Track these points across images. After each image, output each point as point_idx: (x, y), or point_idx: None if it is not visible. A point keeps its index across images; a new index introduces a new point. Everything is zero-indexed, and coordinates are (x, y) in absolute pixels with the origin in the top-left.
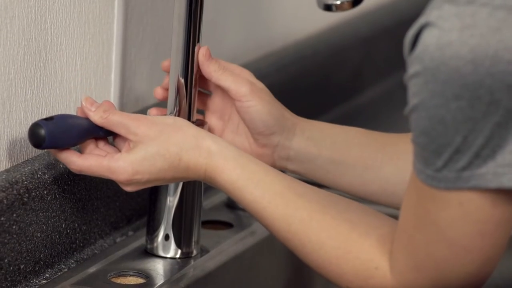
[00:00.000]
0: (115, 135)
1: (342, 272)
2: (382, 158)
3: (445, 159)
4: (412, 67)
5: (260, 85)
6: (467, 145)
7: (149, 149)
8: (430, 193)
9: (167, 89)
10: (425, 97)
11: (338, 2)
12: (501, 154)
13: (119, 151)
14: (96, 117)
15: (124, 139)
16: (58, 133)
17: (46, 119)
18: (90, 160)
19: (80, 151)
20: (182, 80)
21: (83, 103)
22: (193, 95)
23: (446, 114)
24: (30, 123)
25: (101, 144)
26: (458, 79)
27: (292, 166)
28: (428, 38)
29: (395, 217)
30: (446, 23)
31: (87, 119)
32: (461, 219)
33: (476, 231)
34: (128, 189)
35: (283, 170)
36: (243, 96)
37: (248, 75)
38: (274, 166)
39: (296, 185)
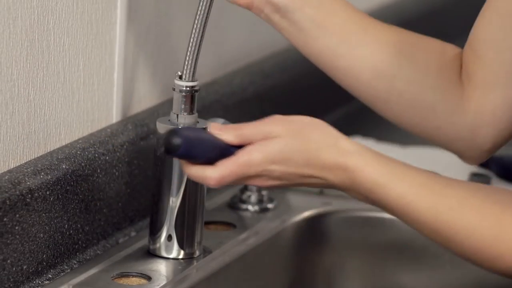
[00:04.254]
0: None
1: (499, 253)
2: (362, 38)
3: None
4: None
5: None
6: None
7: (289, 143)
8: None
9: None
10: None
11: None
12: None
13: None
14: (231, 137)
15: None
16: (194, 140)
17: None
18: (227, 166)
19: None
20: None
21: (212, 131)
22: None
23: None
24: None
25: None
26: None
27: (271, 14)
28: None
29: None
30: None
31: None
32: None
33: None
34: (257, 182)
35: None
36: None
37: None
38: (260, 14)
39: (438, 176)
